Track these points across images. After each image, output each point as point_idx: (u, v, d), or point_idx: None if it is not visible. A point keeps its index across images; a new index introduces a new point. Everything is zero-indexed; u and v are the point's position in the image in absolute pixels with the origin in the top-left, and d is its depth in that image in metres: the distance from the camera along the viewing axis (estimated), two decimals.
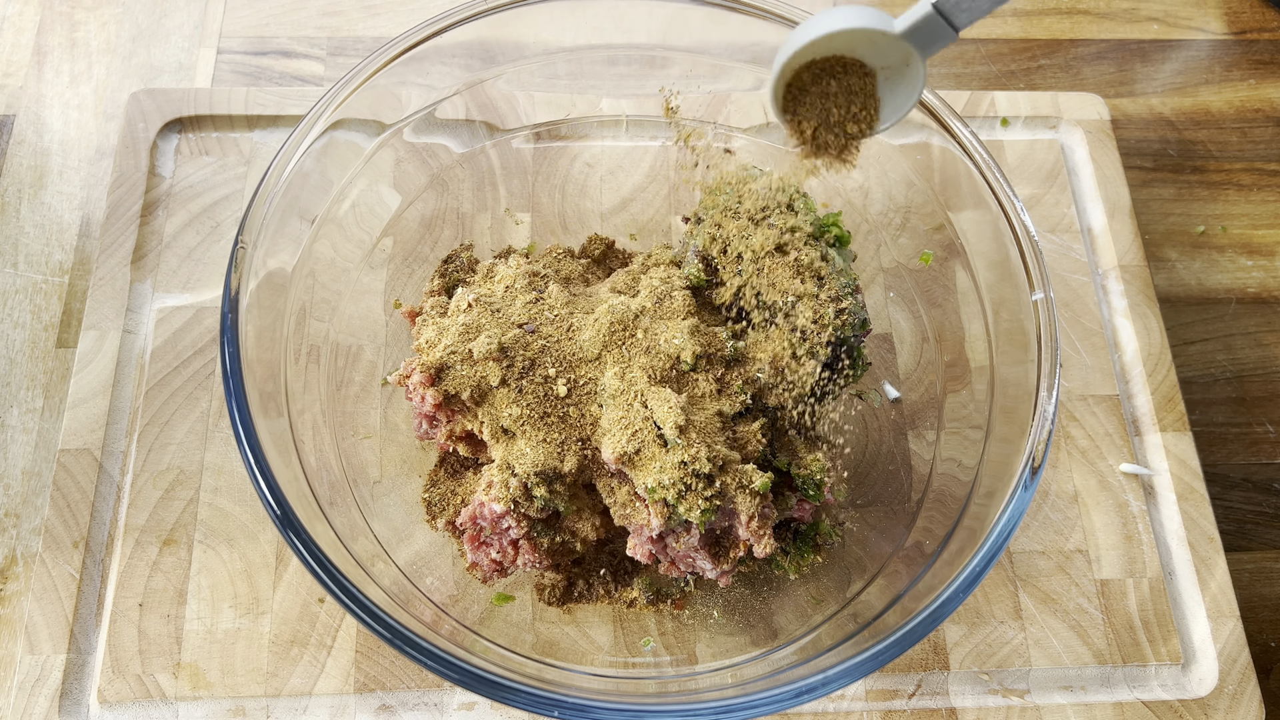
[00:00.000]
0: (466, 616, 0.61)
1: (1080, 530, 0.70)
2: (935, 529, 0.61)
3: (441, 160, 0.74)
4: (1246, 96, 0.95)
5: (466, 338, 0.63)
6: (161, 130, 0.79)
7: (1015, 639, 0.66)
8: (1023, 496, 0.55)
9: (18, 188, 0.81)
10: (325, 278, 0.67)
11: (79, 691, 0.62)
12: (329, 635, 0.64)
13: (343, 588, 0.51)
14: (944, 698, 0.65)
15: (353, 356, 0.70)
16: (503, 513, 0.57)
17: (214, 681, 0.62)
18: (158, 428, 0.69)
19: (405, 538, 0.64)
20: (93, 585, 0.65)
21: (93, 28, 0.89)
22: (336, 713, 0.62)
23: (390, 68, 0.64)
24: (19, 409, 0.72)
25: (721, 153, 0.78)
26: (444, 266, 0.73)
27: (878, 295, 0.74)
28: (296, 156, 0.61)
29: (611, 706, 0.50)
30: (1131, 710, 0.65)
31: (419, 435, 0.65)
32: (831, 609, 0.61)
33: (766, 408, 0.62)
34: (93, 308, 0.73)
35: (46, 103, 0.85)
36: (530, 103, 0.77)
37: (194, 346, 0.72)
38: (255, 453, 0.53)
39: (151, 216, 0.77)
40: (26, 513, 0.69)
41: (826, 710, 0.64)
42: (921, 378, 0.70)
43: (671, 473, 0.56)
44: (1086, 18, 0.98)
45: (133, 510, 0.67)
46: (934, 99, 0.64)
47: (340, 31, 0.90)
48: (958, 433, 0.65)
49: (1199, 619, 0.68)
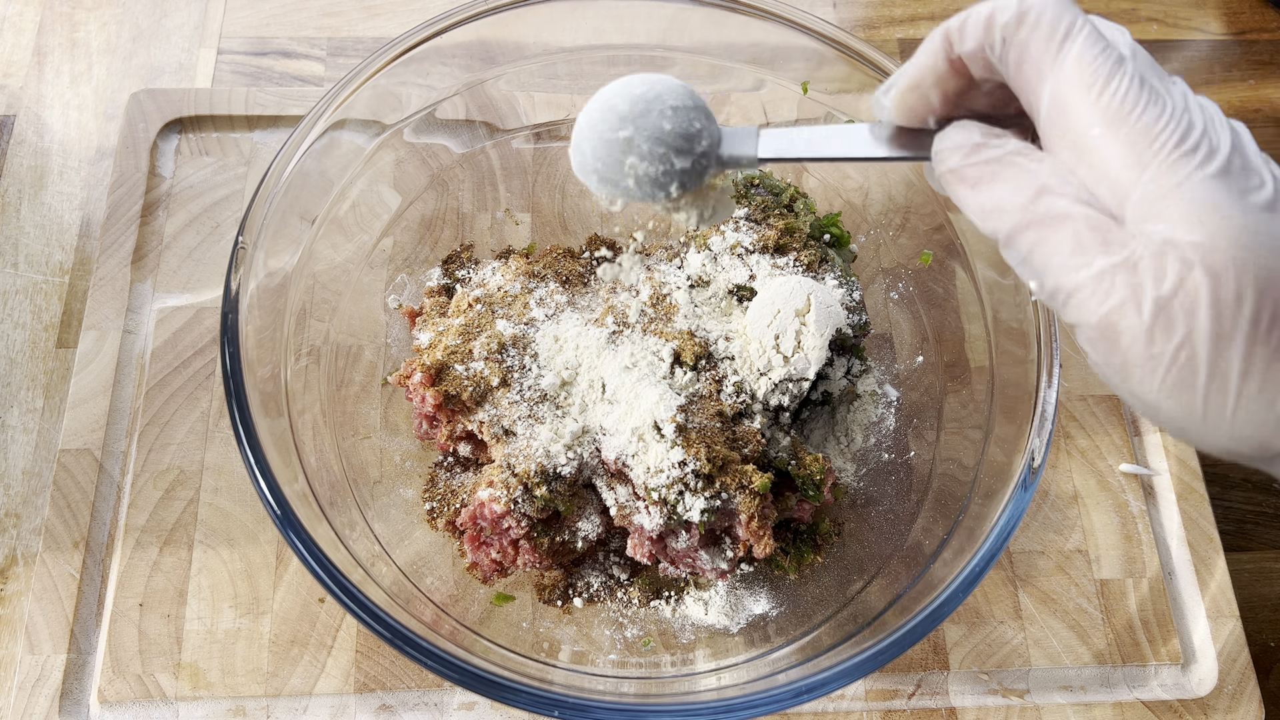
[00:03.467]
0: (466, 616, 0.61)
1: (1080, 530, 0.70)
2: (935, 529, 0.61)
3: (441, 160, 0.74)
4: (1246, 96, 0.95)
5: (466, 338, 0.63)
6: (161, 130, 0.79)
7: (1015, 639, 0.66)
8: (1022, 496, 0.55)
9: (18, 188, 0.81)
10: (325, 278, 0.67)
11: (79, 691, 0.62)
12: (329, 635, 0.64)
13: (343, 588, 0.51)
14: (944, 698, 0.65)
15: (353, 356, 0.70)
16: (503, 513, 0.57)
17: (214, 681, 0.62)
18: (158, 428, 0.69)
19: (405, 538, 0.64)
20: (93, 585, 0.65)
21: (93, 28, 0.89)
22: (336, 713, 0.62)
23: (390, 68, 0.64)
24: (19, 409, 0.72)
25: None
26: (444, 267, 0.73)
27: (878, 295, 0.74)
28: (297, 157, 0.61)
29: (611, 706, 0.50)
30: (1131, 710, 0.65)
31: (419, 435, 0.65)
32: (831, 609, 0.61)
33: (767, 407, 0.62)
34: (93, 308, 0.73)
35: (46, 103, 0.85)
36: (530, 103, 0.77)
37: (194, 347, 0.72)
38: (255, 453, 0.53)
39: (152, 217, 0.77)
40: (27, 513, 0.69)
41: (826, 710, 0.64)
42: (921, 378, 0.70)
43: (671, 472, 0.56)
44: None
45: (133, 510, 0.67)
46: None
47: (340, 31, 0.90)
48: (958, 433, 0.65)
49: (1199, 619, 0.68)
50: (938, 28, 0.40)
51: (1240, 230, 0.33)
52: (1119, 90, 0.35)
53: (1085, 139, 0.35)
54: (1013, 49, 0.37)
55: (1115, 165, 0.35)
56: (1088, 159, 0.36)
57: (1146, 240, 0.34)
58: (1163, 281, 0.34)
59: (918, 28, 0.96)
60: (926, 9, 0.97)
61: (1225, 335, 0.34)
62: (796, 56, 0.69)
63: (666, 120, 0.45)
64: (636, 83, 0.46)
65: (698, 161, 0.45)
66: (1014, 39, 0.37)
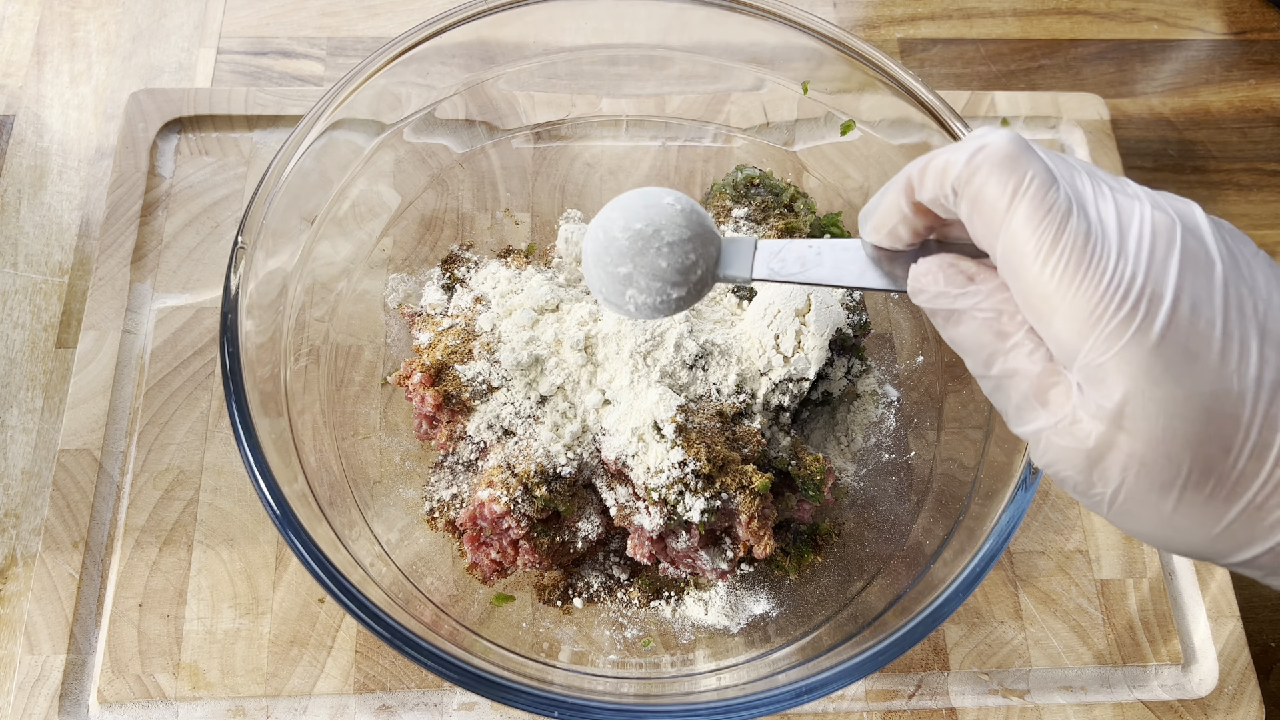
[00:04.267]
0: (466, 616, 0.61)
1: (1080, 530, 0.70)
2: (935, 529, 0.61)
3: (441, 160, 0.74)
4: (1246, 96, 0.95)
5: (466, 337, 0.63)
6: (161, 130, 0.79)
7: (1015, 639, 0.66)
8: (1023, 497, 0.55)
9: (17, 188, 0.81)
10: (325, 278, 0.67)
11: (79, 692, 0.62)
12: (329, 635, 0.64)
13: (343, 588, 0.51)
14: (944, 698, 0.65)
15: (352, 356, 0.70)
16: (503, 513, 0.57)
17: (214, 682, 0.62)
18: (158, 428, 0.69)
19: (405, 538, 0.64)
20: (92, 585, 0.65)
21: (92, 28, 0.89)
22: (336, 713, 0.62)
23: (390, 68, 0.64)
24: (19, 409, 0.72)
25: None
26: (444, 267, 0.72)
27: (878, 295, 0.74)
28: (296, 156, 0.61)
29: (611, 706, 0.50)
30: (1131, 710, 0.65)
31: (419, 435, 0.65)
32: (831, 609, 0.61)
33: (767, 407, 0.62)
34: (92, 308, 0.73)
35: (46, 103, 0.85)
36: (530, 103, 0.77)
37: (194, 346, 0.72)
38: (255, 453, 0.53)
39: (151, 217, 0.77)
40: (26, 513, 0.69)
41: (826, 710, 0.64)
42: (922, 378, 0.70)
43: (671, 473, 0.56)
44: (1086, 18, 0.98)
45: (132, 510, 0.67)
46: (934, 99, 0.64)
47: (340, 31, 0.90)
48: (958, 433, 0.65)
49: (1199, 619, 0.68)
50: (903, 171, 0.42)
51: (1173, 400, 0.35)
52: (1064, 256, 0.36)
53: (1033, 301, 0.37)
54: (964, 202, 0.39)
55: (1061, 330, 0.36)
56: (1036, 317, 0.37)
57: (1084, 403, 0.37)
58: (1099, 444, 0.36)
59: (917, 27, 0.96)
60: (926, 9, 0.97)
61: (1159, 488, 0.36)
62: (796, 56, 0.69)
63: (663, 258, 0.48)
64: (637, 215, 0.49)
65: (693, 289, 0.50)
66: (964, 193, 0.38)
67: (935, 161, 0.40)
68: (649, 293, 0.49)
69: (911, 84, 0.64)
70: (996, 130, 0.39)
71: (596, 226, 0.50)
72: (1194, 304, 0.35)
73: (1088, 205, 0.37)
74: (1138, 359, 0.35)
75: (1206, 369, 0.35)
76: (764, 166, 0.75)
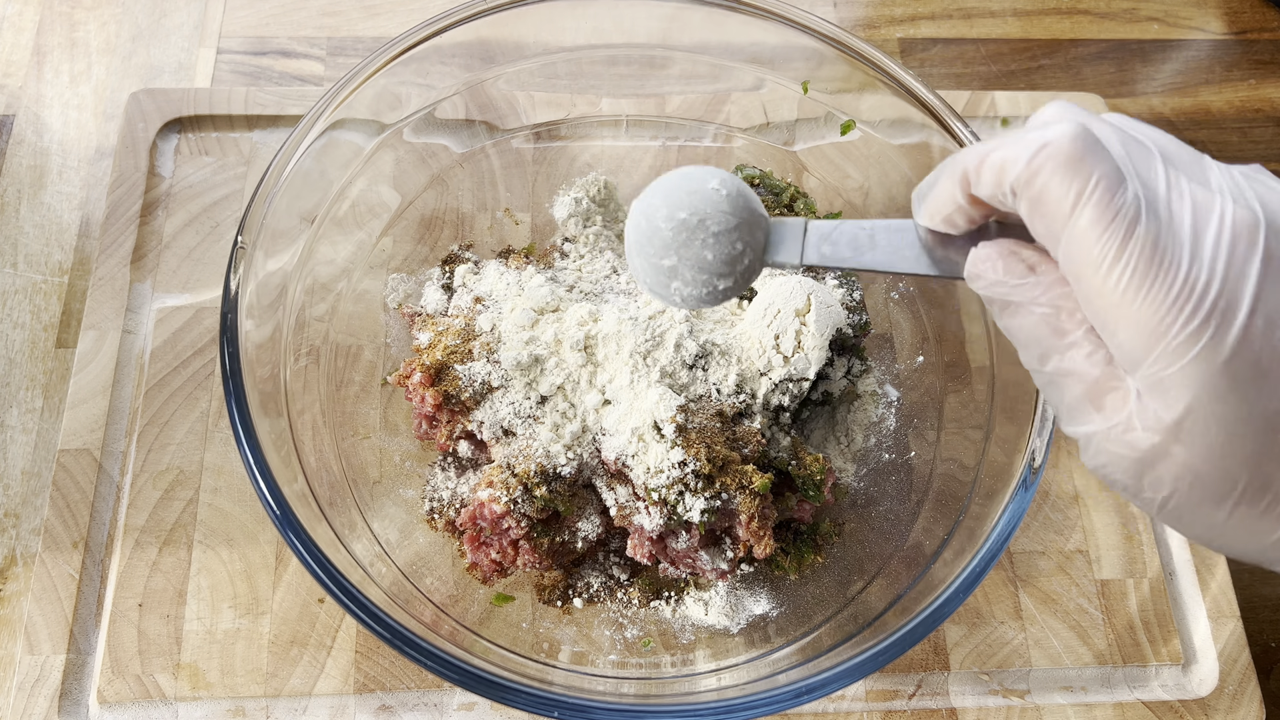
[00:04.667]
0: (466, 616, 0.61)
1: (1080, 530, 0.70)
2: (935, 529, 0.61)
3: (441, 160, 0.74)
4: (1246, 96, 0.95)
5: (466, 337, 0.63)
6: (161, 130, 0.79)
7: (1015, 639, 0.66)
8: (1023, 497, 0.55)
9: (17, 188, 0.81)
10: (325, 278, 0.67)
11: (78, 692, 0.62)
12: (329, 635, 0.64)
13: (343, 588, 0.51)
14: (944, 698, 0.65)
15: (352, 356, 0.70)
16: (503, 513, 0.57)
17: (214, 682, 0.62)
18: (157, 428, 0.69)
19: (405, 538, 0.63)
20: (92, 585, 0.65)
21: (92, 28, 0.88)
22: (336, 713, 0.62)
23: (390, 68, 0.64)
24: (19, 409, 0.72)
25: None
26: (444, 267, 0.72)
27: (878, 295, 0.74)
28: (296, 156, 0.61)
29: (611, 706, 0.50)
30: (1132, 711, 0.65)
31: (419, 435, 0.65)
32: (832, 609, 0.61)
33: (767, 407, 0.62)
34: (92, 308, 0.73)
35: (46, 103, 0.85)
36: (530, 103, 0.77)
37: (194, 346, 0.72)
38: (255, 453, 0.53)
39: (151, 216, 0.77)
40: (26, 513, 0.69)
41: (826, 710, 0.64)
42: (922, 378, 0.70)
43: (671, 473, 0.56)
44: (1086, 18, 0.98)
45: (132, 510, 0.67)
46: (934, 99, 0.64)
47: (340, 31, 0.90)
48: (958, 433, 0.65)
49: (1199, 619, 0.68)
50: (954, 160, 0.39)
51: (1236, 419, 0.34)
52: (1130, 264, 0.33)
53: (1096, 306, 0.35)
54: (1024, 203, 0.36)
55: (1124, 339, 0.34)
56: (1100, 323, 0.35)
57: (1142, 412, 0.35)
58: (1152, 453, 0.35)
59: (918, 27, 0.96)
60: (927, 9, 0.97)
61: (1213, 500, 0.35)
62: (796, 56, 0.69)
63: (708, 249, 0.46)
64: (680, 203, 0.46)
65: (740, 278, 0.47)
66: (1024, 194, 0.36)
67: (993, 157, 0.37)
68: (694, 285, 0.47)
69: (912, 84, 0.64)
70: (1061, 122, 0.36)
71: (639, 213, 0.48)
72: (1270, 317, 0.33)
73: (1159, 205, 0.34)
74: (1204, 375, 0.33)
75: (1275, 386, 0.33)
76: (764, 166, 0.75)
